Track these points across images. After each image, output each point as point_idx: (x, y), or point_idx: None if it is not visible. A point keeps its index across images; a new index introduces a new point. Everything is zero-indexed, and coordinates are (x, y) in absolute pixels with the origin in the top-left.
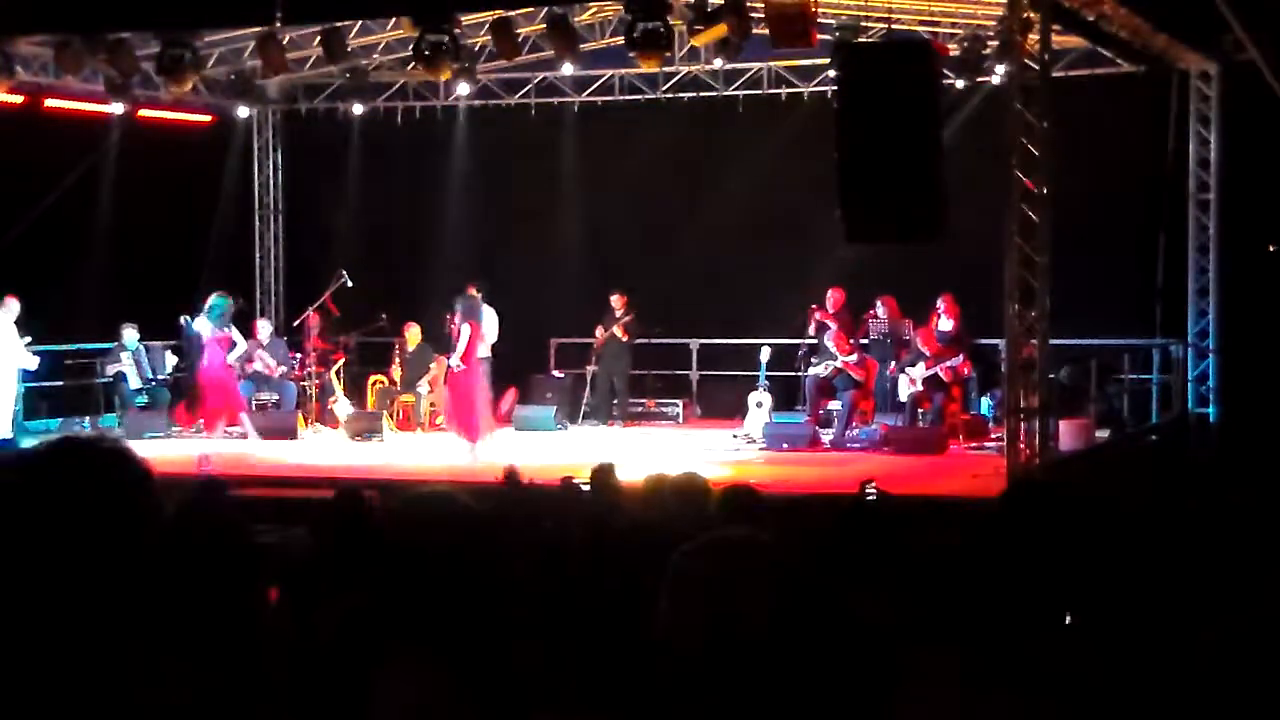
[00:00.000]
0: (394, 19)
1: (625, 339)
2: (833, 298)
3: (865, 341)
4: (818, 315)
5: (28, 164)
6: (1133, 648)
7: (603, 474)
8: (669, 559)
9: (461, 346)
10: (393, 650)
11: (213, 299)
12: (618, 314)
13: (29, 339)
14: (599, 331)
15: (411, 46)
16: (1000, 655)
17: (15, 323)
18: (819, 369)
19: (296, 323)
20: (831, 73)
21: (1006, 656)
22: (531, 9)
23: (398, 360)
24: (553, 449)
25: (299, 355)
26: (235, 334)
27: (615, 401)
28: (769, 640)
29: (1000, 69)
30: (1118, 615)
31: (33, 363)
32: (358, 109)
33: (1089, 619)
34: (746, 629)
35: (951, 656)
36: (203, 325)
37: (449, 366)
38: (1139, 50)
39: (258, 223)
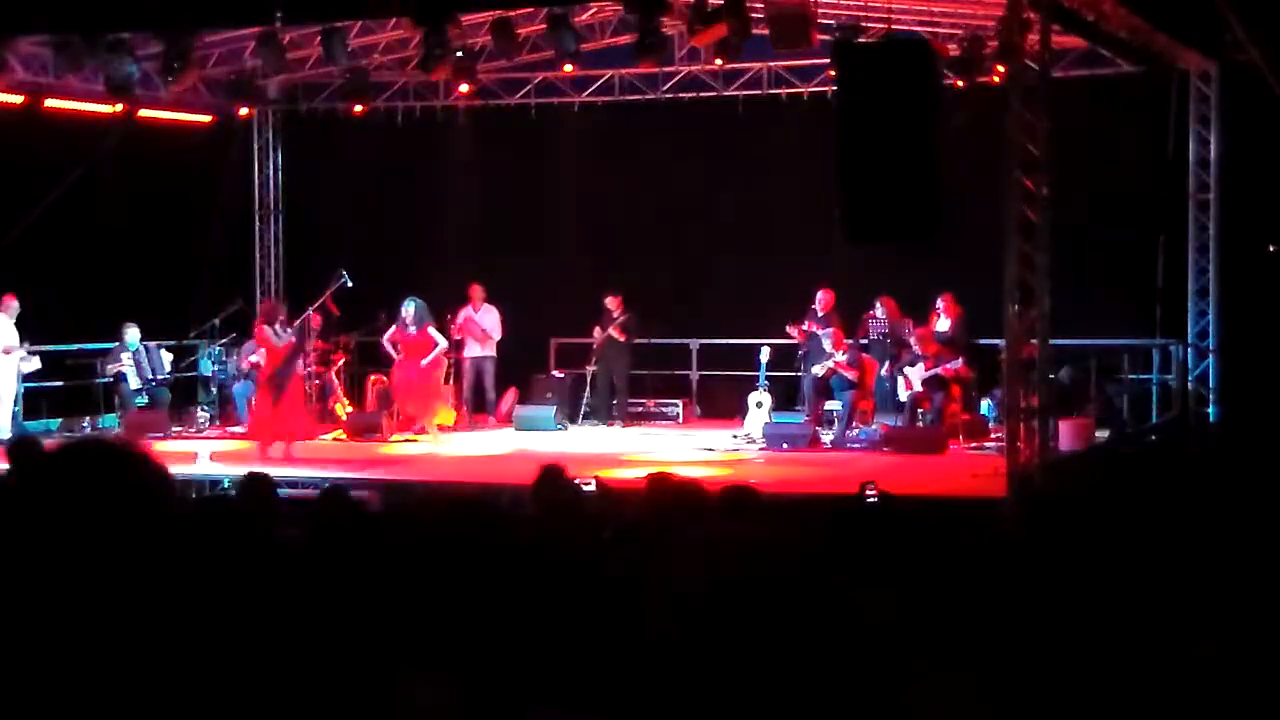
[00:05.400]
0: (394, 19)
1: (623, 339)
2: (823, 298)
3: (865, 341)
4: (803, 326)
5: (28, 164)
6: (1136, 652)
7: (551, 476)
8: (668, 557)
9: (442, 345)
10: (413, 652)
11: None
12: (614, 315)
13: (27, 344)
14: (596, 332)
15: (416, 44)
16: (1004, 659)
17: (16, 323)
18: (816, 369)
19: (297, 322)
20: (831, 73)
21: (1010, 661)
22: (531, 9)
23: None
24: (552, 448)
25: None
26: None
27: (615, 401)
28: (767, 640)
29: (1000, 69)
30: (1124, 618)
31: (33, 365)
32: (358, 109)
33: (1102, 623)
34: (744, 628)
35: (955, 660)
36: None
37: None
38: (1139, 50)
39: (258, 223)
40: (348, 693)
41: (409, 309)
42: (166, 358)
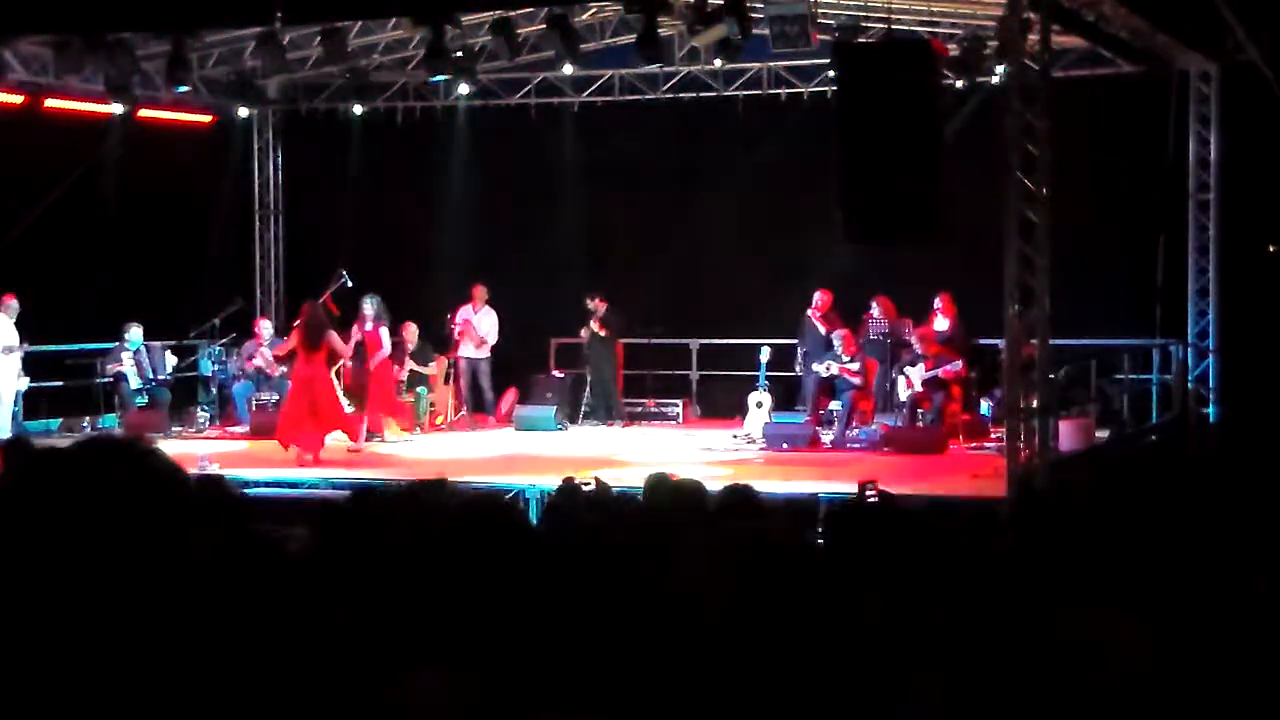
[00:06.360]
0: (394, 19)
1: (604, 333)
2: (820, 299)
3: (863, 341)
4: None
5: (28, 164)
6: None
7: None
8: (669, 557)
9: (385, 350)
10: (418, 651)
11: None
12: (597, 313)
13: (26, 345)
14: (583, 333)
15: (416, 44)
16: (1004, 658)
17: (16, 323)
18: (821, 368)
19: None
20: (831, 73)
21: (1011, 659)
22: (531, 9)
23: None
24: (552, 449)
25: None
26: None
27: (609, 401)
28: (767, 640)
29: (1000, 69)
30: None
31: (23, 384)
32: (358, 109)
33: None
34: (744, 628)
35: (955, 660)
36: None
37: (351, 365)
38: (1139, 50)
39: (258, 223)
40: (352, 691)
41: (369, 305)
42: (170, 359)
